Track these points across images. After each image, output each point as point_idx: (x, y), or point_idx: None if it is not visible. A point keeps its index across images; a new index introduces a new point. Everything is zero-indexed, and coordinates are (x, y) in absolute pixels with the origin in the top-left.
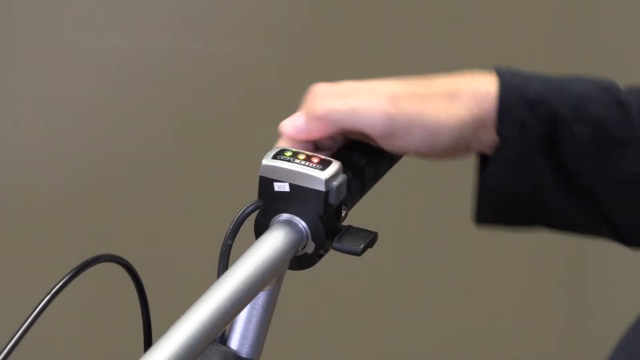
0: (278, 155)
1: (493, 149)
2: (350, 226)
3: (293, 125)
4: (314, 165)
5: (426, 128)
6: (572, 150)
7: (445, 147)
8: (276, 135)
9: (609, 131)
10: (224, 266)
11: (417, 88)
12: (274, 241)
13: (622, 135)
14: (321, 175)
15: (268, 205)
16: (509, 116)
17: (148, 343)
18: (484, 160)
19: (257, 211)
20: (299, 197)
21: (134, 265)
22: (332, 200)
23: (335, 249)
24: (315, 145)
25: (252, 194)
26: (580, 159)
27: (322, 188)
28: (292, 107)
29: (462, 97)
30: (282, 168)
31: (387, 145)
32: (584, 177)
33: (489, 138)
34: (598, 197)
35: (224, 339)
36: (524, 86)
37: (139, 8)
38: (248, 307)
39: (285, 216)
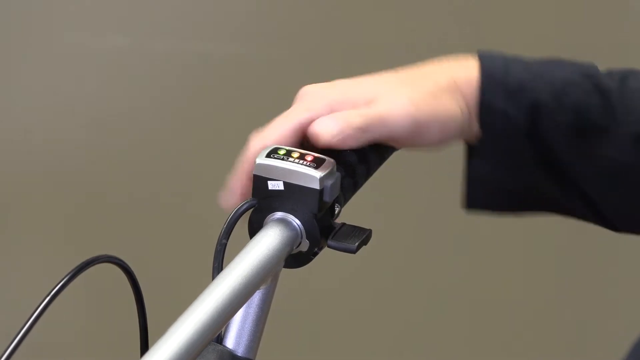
0: (272, 154)
1: (478, 135)
2: (344, 224)
3: (330, 131)
4: (308, 163)
5: (441, 123)
6: (554, 137)
7: (453, 137)
8: None
9: (589, 118)
10: (219, 265)
11: (424, 84)
12: (268, 240)
13: (602, 122)
14: (315, 173)
15: (262, 203)
16: (490, 105)
17: (144, 344)
18: (471, 149)
19: (251, 210)
20: (293, 196)
21: (130, 266)
22: (327, 198)
23: (330, 246)
24: (304, 144)
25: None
26: (562, 145)
27: (317, 186)
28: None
29: (459, 87)
30: (275, 166)
31: (403, 143)
32: (567, 163)
33: (476, 127)
34: (581, 183)
35: (220, 338)
36: (505, 73)
37: (140, 8)
38: (244, 306)
39: (279, 214)
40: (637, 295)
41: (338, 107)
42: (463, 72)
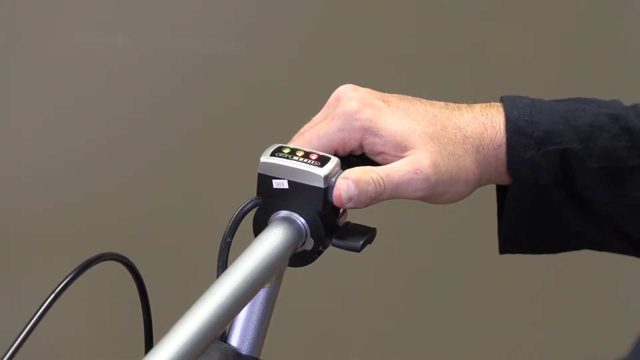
0: (276, 153)
1: (509, 182)
2: (349, 222)
3: (348, 196)
4: (313, 162)
5: (461, 185)
6: (585, 181)
7: (465, 197)
8: (274, 134)
9: (619, 160)
10: (223, 264)
11: (450, 140)
12: (273, 238)
13: (632, 163)
14: (320, 172)
15: (266, 202)
16: (519, 157)
17: (149, 341)
18: (501, 193)
19: (256, 209)
20: (297, 194)
21: (135, 264)
22: (331, 196)
23: (334, 245)
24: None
25: (250, 192)
26: (594, 188)
27: (321, 185)
28: (291, 106)
29: (484, 140)
30: (280, 165)
31: (417, 199)
32: (600, 205)
33: (505, 177)
34: (617, 222)
35: (224, 337)
36: (531, 124)
37: (141, 7)
38: (248, 304)
39: (284, 213)
40: (637, 295)
41: (368, 141)
42: (490, 122)
